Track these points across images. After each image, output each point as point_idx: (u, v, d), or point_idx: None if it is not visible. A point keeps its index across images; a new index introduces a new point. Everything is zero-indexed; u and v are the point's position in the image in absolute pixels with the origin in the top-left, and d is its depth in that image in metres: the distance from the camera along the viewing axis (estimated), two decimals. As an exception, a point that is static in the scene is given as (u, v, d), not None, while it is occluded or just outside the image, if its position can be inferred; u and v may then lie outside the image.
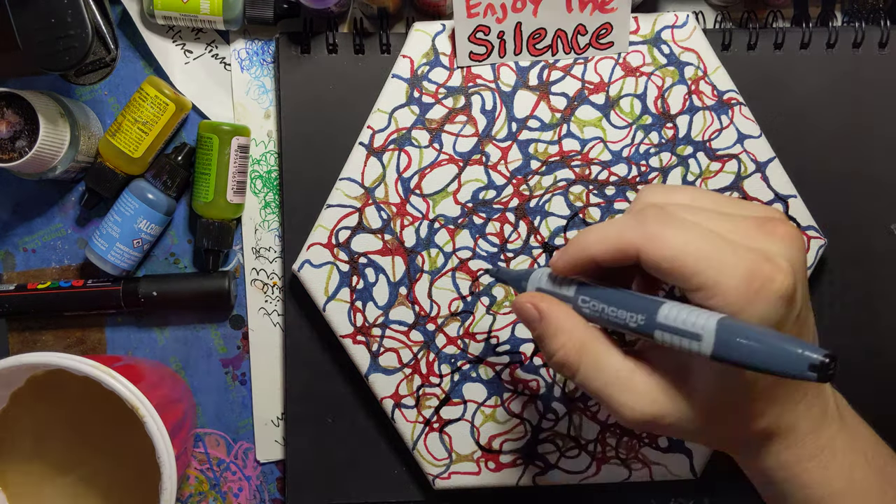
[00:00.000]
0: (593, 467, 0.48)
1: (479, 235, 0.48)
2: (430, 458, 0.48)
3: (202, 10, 0.48)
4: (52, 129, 0.45)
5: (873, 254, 0.50)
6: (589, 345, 0.35)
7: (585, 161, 0.48)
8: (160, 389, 0.45)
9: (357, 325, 0.47)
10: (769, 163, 0.48)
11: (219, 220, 0.49)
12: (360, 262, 0.48)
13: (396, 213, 0.48)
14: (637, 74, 0.48)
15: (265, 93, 0.50)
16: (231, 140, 0.48)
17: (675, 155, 0.48)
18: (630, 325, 0.34)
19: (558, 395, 0.48)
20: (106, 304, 0.49)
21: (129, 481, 0.47)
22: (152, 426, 0.42)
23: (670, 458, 0.48)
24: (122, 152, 0.48)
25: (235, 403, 0.51)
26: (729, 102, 0.48)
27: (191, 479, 0.51)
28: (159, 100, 0.47)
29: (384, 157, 0.48)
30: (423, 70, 0.47)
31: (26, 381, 0.46)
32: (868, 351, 0.50)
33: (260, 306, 0.50)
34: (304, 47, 0.49)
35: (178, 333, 0.51)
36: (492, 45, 0.47)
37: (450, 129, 0.48)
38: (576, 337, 0.35)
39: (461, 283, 0.48)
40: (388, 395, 0.48)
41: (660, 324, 0.33)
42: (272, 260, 0.51)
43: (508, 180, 0.48)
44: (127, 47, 0.51)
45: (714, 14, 0.51)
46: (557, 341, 0.35)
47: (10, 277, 0.51)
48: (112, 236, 0.48)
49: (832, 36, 0.49)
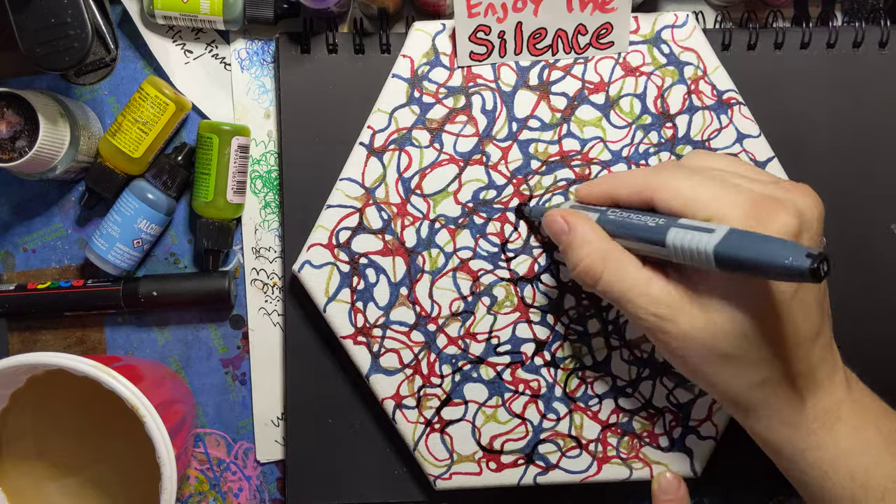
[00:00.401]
0: (594, 467, 0.48)
1: (479, 235, 0.48)
2: (431, 458, 0.48)
3: (202, 10, 0.48)
4: (52, 129, 0.45)
5: (873, 254, 0.50)
6: (612, 254, 0.39)
7: (585, 161, 0.48)
8: (160, 389, 0.45)
9: (358, 325, 0.47)
10: (768, 162, 0.48)
11: (219, 220, 0.49)
12: (360, 263, 0.48)
13: (397, 213, 0.48)
14: (637, 74, 0.48)
15: (265, 93, 0.50)
16: (231, 140, 0.48)
17: (674, 154, 0.48)
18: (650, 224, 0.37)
19: (559, 395, 0.48)
20: (106, 304, 0.49)
21: (129, 481, 0.47)
22: (152, 426, 0.42)
23: (671, 458, 0.48)
24: (122, 152, 0.48)
25: (235, 403, 0.51)
26: (728, 102, 0.48)
27: (191, 479, 0.51)
28: (159, 100, 0.47)
29: (384, 158, 0.47)
30: (423, 70, 0.47)
31: (26, 381, 0.46)
32: (868, 351, 0.50)
33: (260, 306, 0.50)
34: (304, 47, 0.49)
35: (178, 333, 0.51)
36: (492, 45, 0.47)
37: (450, 128, 0.48)
38: (600, 247, 0.39)
39: (462, 283, 0.48)
40: (389, 395, 0.48)
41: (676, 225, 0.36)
42: (272, 260, 0.51)
43: (509, 180, 0.48)
44: (127, 47, 0.51)
45: (714, 14, 0.51)
46: (584, 250, 0.39)
47: (10, 277, 0.51)
48: (112, 236, 0.48)
49: (832, 36, 0.49)
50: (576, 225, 0.40)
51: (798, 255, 0.31)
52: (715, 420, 0.48)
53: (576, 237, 0.40)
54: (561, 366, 0.48)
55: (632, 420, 0.48)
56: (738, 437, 0.45)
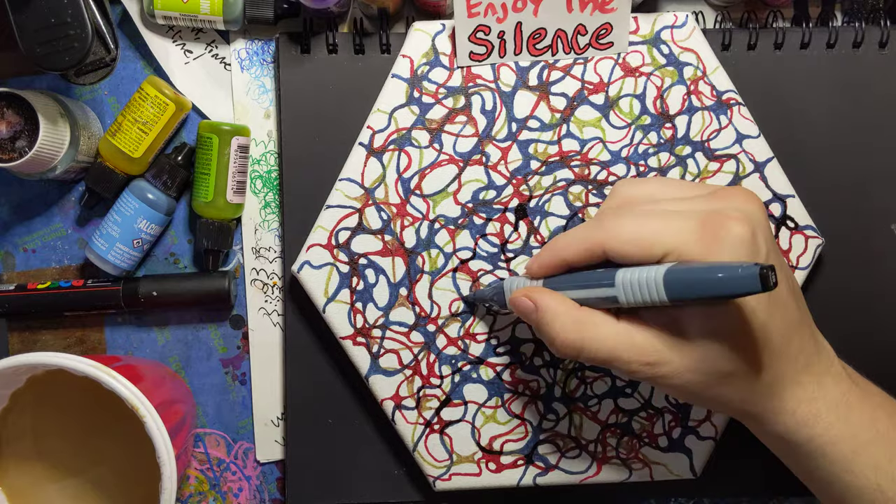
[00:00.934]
0: (594, 467, 0.48)
1: (479, 236, 0.48)
2: (430, 459, 0.48)
3: (202, 10, 0.48)
4: (52, 129, 0.45)
5: (873, 254, 0.50)
6: (585, 319, 0.37)
7: (585, 161, 0.48)
8: (160, 389, 0.45)
9: (357, 326, 0.47)
10: (768, 163, 0.48)
11: (219, 220, 0.49)
12: (359, 263, 0.48)
13: (396, 213, 0.48)
14: (636, 75, 0.48)
15: (265, 93, 0.50)
16: (231, 140, 0.48)
17: (673, 155, 0.48)
18: (600, 296, 0.37)
19: (559, 396, 0.48)
20: (106, 304, 0.49)
21: (129, 481, 0.47)
22: (152, 426, 0.42)
23: (670, 458, 0.48)
24: (122, 152, 0.48)
25: (235, 403, 0.51)
26: (728, 102, 0.48)
27: (191, 479, 0.51)
28: (159, 100, 0.47)
29: (384, 158, 0.48)
30: (422, 70, 0.47)
31: (26, 381, 0.46)
32: (868, 351, 0.50)
33: (260, 306, 0.50)
34: (304, 47, 0.49)
35: (178, 333, 0.51)
36: (492, 45, 0.47)
37: (450, 129, 0.48)
38: (572, 316, 0.37)
39: (461, 283, 0.48)
40: (389, 396, 0.48)
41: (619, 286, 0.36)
42: (272, 260, 0.51)
43: (508, 180, 0.48)
44: (127, 47, 0.51)
45: (714, 14, 0.51)
46: (557, 325, 0.38)
47: (10, 277, 0.51)
48: (112, 236, 0.48)
49: (832, 36, 0.49)
50: (541, 300, 0.38)
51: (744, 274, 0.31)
52: (714, 420, 0.48)
53: (546, 313, 0.38)
54: (560, 366, 0.48)
55: (631, 420, 0.48)
56: (738, 438, 0.45)
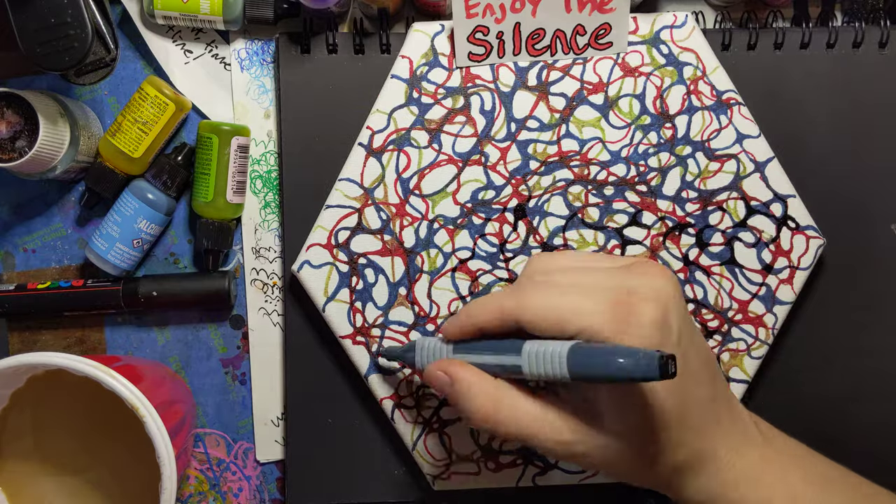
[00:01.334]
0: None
1: (478, 236, 0.48)
2: (429, 458, 0.48)
3: (202, 10, 0.48)
4: (52, 129, 0.45)
5: (873, 254, 0.50)
6: (501, 394, 0.37)
7: (584, 161, 0.48)
8: (160, 389, 0.45)
9: (357, 325, 0.48)
10: (768, 163, 0.48)
11: (219, 220, 0.49)
12: (359, 263, 0.48)
13: (396, 213, 0.48)
14: (636, 74, 0.48)
15: (265, 93, 0.50)
16: (231, 140, 0.48)
17: (673, 155, 0.48)
18: (505, 363, 0.37)
19: (558, 396, 0.48)
20: (106, 303, 0.49)
21: (129, 481, 0.47)
22: (152, 426, 0.42)
23: (670, 459, 0.48)
24: (122, 152, 0.48)
25: (235, 403, 0.51)
26: (728, 102, 0.48)
27: (191, 479, 0.51)
28: (159, 100, 0.47)
29: (383, 158, 0.48)
30: (422, 70, 0.47)
31: (26, 381, 0.46)
32: (868, 351, 0.50)
33: (260, 306, 0.51)
34: (304, 47, 0.49)
35: (178, 333, 0.51)
36: (491, 46, 0.47)
37: (449, 129, 0.48)
38: (488, 392, 0.37)
39: (460, 283, 0.48)
40: (388, 395, 0.48)
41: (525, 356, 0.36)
42: (272, 260, 0.51)
43: (507, 180, 0.48)
44: (127, 47, 0.51)
45: (714, 14, 0.51)
46: (474, 401, 0.37)
47: (10, 277, 0.51)
48: (112, 236, 0.48)
49: (832, 36, 0.49)
50: (457, 374, 0.38)
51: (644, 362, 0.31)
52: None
53: (461, 388, 0.38)
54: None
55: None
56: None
